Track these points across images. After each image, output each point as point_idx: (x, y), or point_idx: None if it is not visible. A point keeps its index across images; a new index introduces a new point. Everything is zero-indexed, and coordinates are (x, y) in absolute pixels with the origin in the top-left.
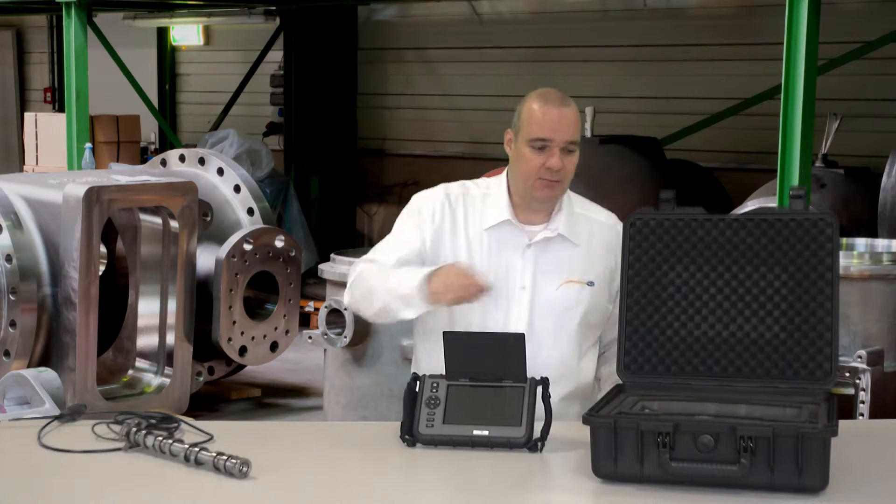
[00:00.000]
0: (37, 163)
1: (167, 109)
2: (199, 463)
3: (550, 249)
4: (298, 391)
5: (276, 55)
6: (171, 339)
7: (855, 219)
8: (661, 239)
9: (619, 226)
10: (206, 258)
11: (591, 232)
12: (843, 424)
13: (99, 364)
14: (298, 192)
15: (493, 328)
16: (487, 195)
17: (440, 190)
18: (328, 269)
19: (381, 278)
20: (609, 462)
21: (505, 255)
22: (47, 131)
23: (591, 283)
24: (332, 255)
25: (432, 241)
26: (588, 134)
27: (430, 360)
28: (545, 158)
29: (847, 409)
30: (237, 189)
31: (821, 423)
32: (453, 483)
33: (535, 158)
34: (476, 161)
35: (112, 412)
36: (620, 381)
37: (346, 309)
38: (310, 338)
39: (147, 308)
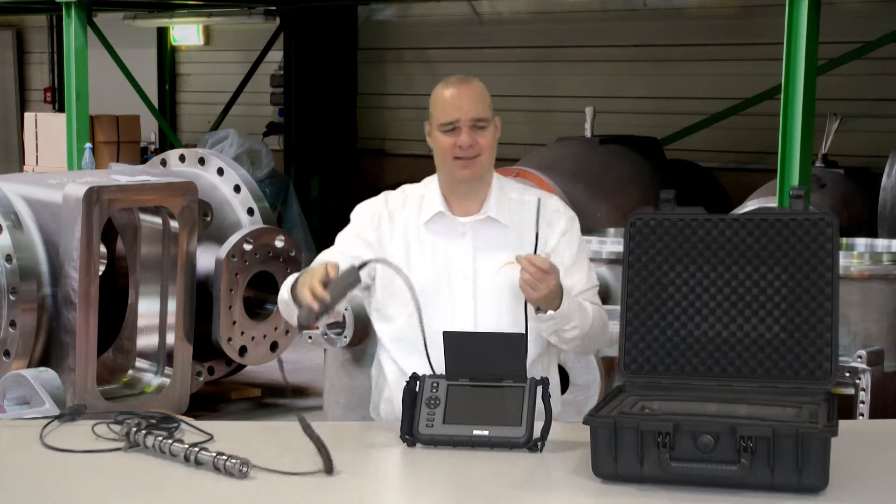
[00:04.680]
0: (37, 163)
1: (167, 109)
2: (199, 463)
3: (485, 234)
4: (298, 391)
5: (276, 55)
6: (171, 339)
7: (855, 219)
8: (661, 239)
9: (554, 203)
10: (206, 258)
11: (521, 211)
12: (843, 424)
13: (99, 364)
14: (298, 192)
15: (441, 321)
16: (424, 194)
17: (380, 197)
18: None
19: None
20: (609, 462)
21: (443, 246)
22: (47, 131)
23: None
24: None
25: (380, 250)
26: (588, 134)
27: (393, 367)
28: (455, 138)
29: (847, 409)
30: (237, 189)
31: (821, 423)
32: (453, 483)
33: (446, 140)
34: None
35: (112, 412)
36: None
37: (346, 308)
38: (310, 338)
39: (147, 308)
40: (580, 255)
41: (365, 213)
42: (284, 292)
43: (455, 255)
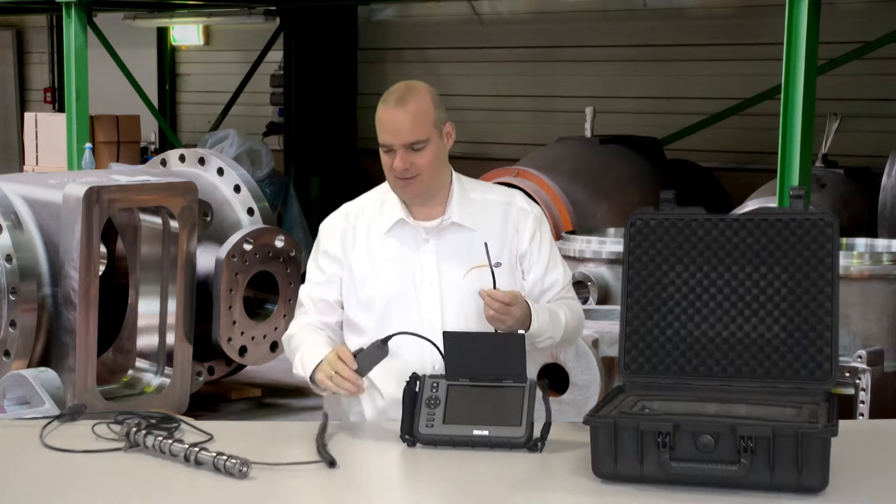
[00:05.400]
0: (37, 163)
1: (167, 109)
2: (199, 463)
3: (448, 239)
4: (298, 391)
5: (276, 55)
6: (171, 339)
7: (855, 219)
8: (661, 239)
9: (519, 201)
10: (206, 258)
11: (486, 213)
12: (843, 424)
13: (99, 364)
14: (298, 192)
15: (409, 327)
16: (385, 200)
17: (340, 211)
18: None
19: (291, 350)
20: (609, 462)
21: (407, 254)
22: (47, 131)
23: (498, 265)
24: None
25: (346, 262)
26: (588, 134)
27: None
28: (392, 159)
29: (847, 409)
30: (237, 189)
31: (821, 423)
32: (453, 483)
33: (386, 159)
34: (476, 161)
35: (112, 412)
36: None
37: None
38: None
39: (147, 308)
40: (553, 252)
41: (328, 230)
42: (299, 368)
43: (419, 262)
